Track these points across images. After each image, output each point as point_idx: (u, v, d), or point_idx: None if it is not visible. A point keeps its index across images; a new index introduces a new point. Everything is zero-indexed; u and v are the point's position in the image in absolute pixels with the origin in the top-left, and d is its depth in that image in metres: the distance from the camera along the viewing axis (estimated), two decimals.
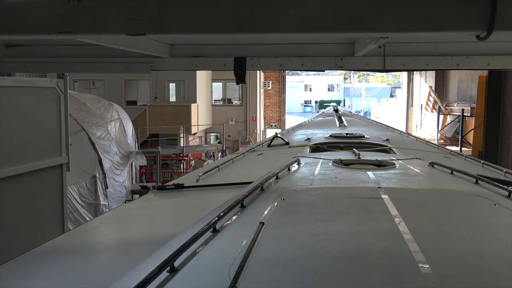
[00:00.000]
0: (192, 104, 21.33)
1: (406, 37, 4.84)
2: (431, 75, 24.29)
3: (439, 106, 21.28)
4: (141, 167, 17.08)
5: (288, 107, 34.98)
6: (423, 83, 26.12)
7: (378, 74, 58.35)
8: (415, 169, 3.75)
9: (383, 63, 4.94)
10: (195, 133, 22.39)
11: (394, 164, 3.88)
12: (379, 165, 3.94)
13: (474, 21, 2.11)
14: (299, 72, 58.14)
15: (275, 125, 28.61)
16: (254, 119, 26.09)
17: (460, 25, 2.13)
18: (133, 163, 15.14)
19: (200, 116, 22.58)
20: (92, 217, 10.87)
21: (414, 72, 26.75)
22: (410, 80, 28.92)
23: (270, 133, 28.17)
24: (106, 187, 12.54)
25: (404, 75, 31.14)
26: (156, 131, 20.46)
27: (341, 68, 5.11)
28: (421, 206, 2.47)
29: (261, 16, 2.26)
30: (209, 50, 5.40)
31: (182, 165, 19.45)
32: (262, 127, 28.20)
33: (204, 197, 3.81)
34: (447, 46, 5.15)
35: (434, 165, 3.97)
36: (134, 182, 15.49)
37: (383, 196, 2.60)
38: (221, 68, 5.50)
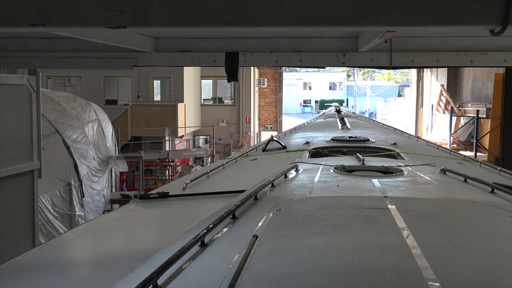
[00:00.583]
0: (179, 104, 21.33)
1: (414, 31, 4.88)
2: (443, 72, 24.45)
3: (452, 107, 21.40)
4: (121, 173, 17.02)
5: (285, 107, 35.07)
6: (434, 81, 26.28)
7: (384, 71, 58.68)
8: (425, 177, 3.78)
9: (389, 60, 4.97)
10: (182, 136, 22.37)
11: (402, 171, 3.91)
12: (386, 172, 3.97)
13: (488, 15, 2.13)
14: (297, 68, 58.35)
15: (270, 127, 28.66)
16: (247, 121, 26.13)
17: (473, 19, 2.15)
18: (113, 169, 15.09)
19: (187, 117, 22.57)
20: (67, 229, 10.81)
21: (424, 69, 26.92)
22: (420, 78, 29.10)
23: (265, 136, 28.21)
24: (83, 196, 12.48)
25: (413, 72, 31.35)
26: (138, 133, 20.42)
27: (343, 64, 5.14)
28: (432, 218, 2.48)
29: (255, 7, 2.27)
30: (198, 44, 5.41)
31: (167, 172, 19.41)
32: (257, 130, 28.25)
33: (192, 207, 3.81)
34: (459, 41, 5.19)
35: (446, 172, 4.01)
36: (113, 190, 15.43)
37: (389, 206, 2.62)
38: (211, 64, 5.50)
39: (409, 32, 4.96)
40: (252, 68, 25.24)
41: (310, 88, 70.43)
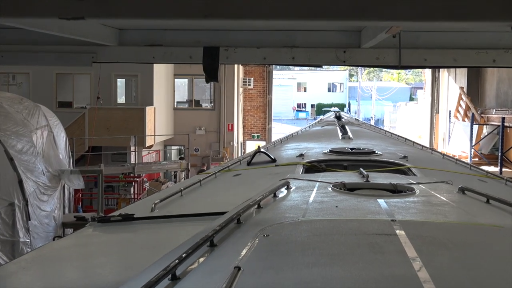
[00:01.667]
0: (147, 108, 21.29)
1: (426, 25, 4.97)
2: (462, 73, 24.77)
3: (473, 114, 21.63)
4: (76, 191, 16.88)
5: (275, 112, 35.04)
6: (452, 83, 26.61)
7: (393, 70, 59.26)
8: (441, 197, 3.82)
9: (398, 58, 5.05)
10: (151, 146, 22.29)
11: (413, 189, 3.96)
12: (394, 190, 4.02)
13: (506, 9, 2.16)
14: (290, 66, 58.71)
15: (257, 136, 28.71)
16: (230, 128, 26.17)
17: (489, 14, 2.18)
18: (66, 186, 14.97)
19: (157, 123, 22.52)
20: (8, 259, 10.67)
21: (440, 70, 27.22)
22: (435, 79, 29.44)
23: (251, 146, 28.20)
24: (28, 218, 12.34)
25: (427, 72, 31.70)
26: (98, 142, 20.30)
27: (343, 63, 5.21)
28: (448, 246, 2.51)
29: None
30: (171, 37, 5.44)
31: (132, 189, 19.30)
32: (241, 139, 28.27)
33: (161, 232, 3.80)
34: (480, 36, 5.29)
35: (466, 192, 4.05)
36: (66, 211, 15.29)
37: (398, 232, 2.65)
38: (187, 61, 5.53)
39: (421, 26, 5.05)
40: (235, 65, 25.33)
41: (305, 90, 70.77)
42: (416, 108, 39.33)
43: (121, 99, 23.39)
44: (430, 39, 5.27)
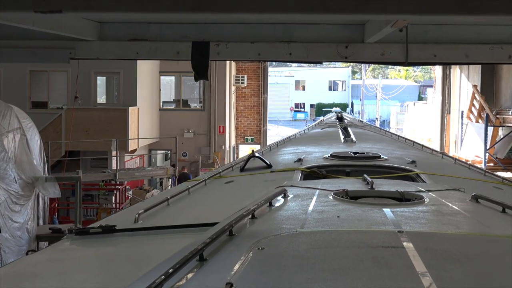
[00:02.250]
0: (130, 108, 21.27)
1: (436, 19, 4.99)
2: (475, 70, 24.86)
3: (487, 114, 21.70)
4: (52, 200, 16.82)
5: (271, 113, 34.99)
6: (465, 80, 26.71)
7: (400, 67, 59.41)
8: (452, 205, 3.84)
9: (405, 53, 5.07)
10: (134, 151, 22.27)
11: (422, 197, 3.98)
12: (401, 199, 4.03)
13: None
14: (287, 63, 58.77)
15: (251, 140, 28.72)
16: (221, 131, 26.17)
17: (503, 7, 2.19)
18: (41, 194, 14.92)
19: (142, 125, 22.50)
20: None
21: (452, 66, 27.32)
22: (446, 77, 29.53)
23: (245, 151, 28.18)
24: None
25: (437, 69, 31.80)
26: (76, 147, 20.25)
27: (345, 59, 5.23)
28: (460, 260, 2.52)
29: None
30: (156, 31, 5.45)
31: (113, 198, 19.25)
32: (233, 142, 28.28)
33: (146, 245, 3.80)
34: (494, 30, 5.32)
35: (480, 200, 4.07)
36: (41, 223, 15.23)
37: (405, 244, 2.66)
38: (174, 57, 5.53)
39: (430, 19, 5.07)
40: (227, 62, 25.35)
41: (303, 88, 70.88)
42: (426, 108, 39.46)
43: (101, 98, 23.35)
44: (439, 33, 5.29)
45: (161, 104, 26.34)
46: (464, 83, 26.79)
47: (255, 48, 5.37)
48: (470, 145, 23.45)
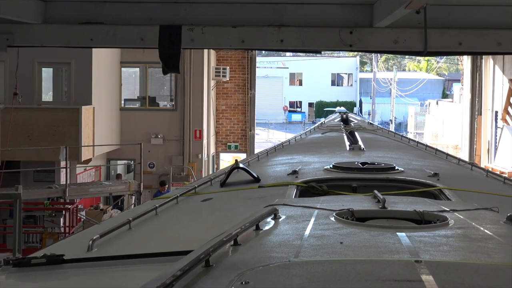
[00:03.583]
0: (84, 108, 21.19)
1: None
2: None
3: None
4: None
5: (260, 113, 34.94)
6: (499, 74, 26.84)
7: (419, 57, 59.51)
8: (483, 229, 3.86)
9: (423, 41, 5.10)
10: (89, 161, 22.17)
11: (445, 219, 4.00)
12: (420, 220, 4.06)
13: None
14: (279, 52, 58.82)
15: (235, 147, 28.71)
16: (197, 136, 26.13)
17: None
18: None
19: (98, 129, 22.42)
20: None
21: (484, 57, 27.41)
22: (476, 69, 29.68)
23: (227, 161, 28.10)
24: None
25: (466, 60, 31.96)
26: (15, 156, 20.11)
27: (350, 48, 5.25)
28: None
29: None
30: (114, 12, 5.44)
31: (62, 220, 19.14)
32: (212, 150, 28.25)
33: (102, 279, 3.79)
34: None
35: None
36: None
37: (424, 277, 2.67)
38: (137, 45, 5.52)
39: None
40: (205, 50, 25.33)
41: (300, 83, 71.06)
42: (451, 108, 39.67)
43: (47, 95, 23.23)
44: (465, 15, 5.31)
45: (123, 102, 26.25)
46: (499, 77, 26.90)
47: (238, 34, 5.36)
48: (506, 153, 23.56)
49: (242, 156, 25.55)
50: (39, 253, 4.26)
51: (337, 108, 21.75)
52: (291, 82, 70.53)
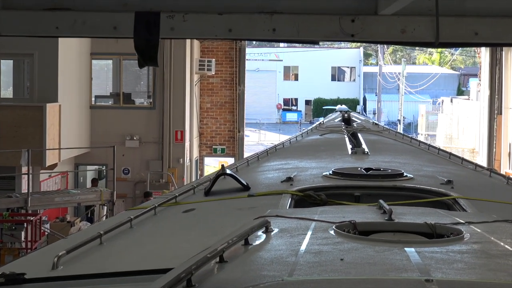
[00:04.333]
0: (49, 105, 21.13)
1: None
2: None
3: None
4: None
5: (250, 112, 34.82)
6: None
7: (430, 49, 59.48)
8: (503, 244, 3.88)
9: (434, 31, 5.12)
10: (54, 166, 22.12)
11: (460, 232, 4.01)
12: (431, 234, 4.07)
13: None
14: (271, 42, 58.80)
15: (222, 150, 28.70)
16: (178, 137, 26.09)
17: None
18: None
19: (65, 129, 22.38)
20: None
21: (504, 48, 27.45)
22: (495, 63, 29.71)
23: (213, 166, 28.08)
24: None
25: (483, 52, 32.01)
26: None
27: (352, 38, 5.25)
28: None
29: None
30: None
31: (24, 234, 19.10)
32: (196, 154, 28.23)
33: None
34: None
35: None
36: None
37: None
38: (110, 34, 5.52)
39: None
40: (187, 41, 25.31)
41: (296, 78, 71.12)
42: (468, 107, 39.76)
43: (7, 91, 23.19)
44: (483, 1, 5.33)
45: (93, 99, 26.21)
46: None
47: (225, 22, 5.36)
48: None
49: (229, 160, 25.56)
50: None
51: (338, 107, 21.79)
52: (285, 76, 70.61)
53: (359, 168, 7.34)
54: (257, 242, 3.88)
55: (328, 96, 65.96)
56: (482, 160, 29.07)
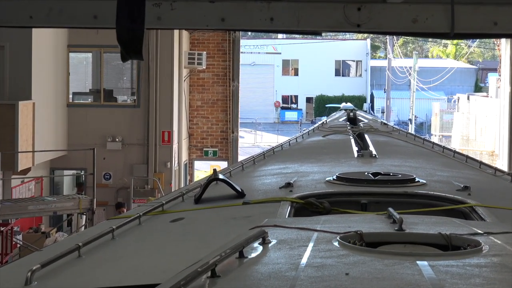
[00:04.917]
0: (21, 103, 21.15)
1: None
2: None
3: None
4: None
5: (245, 110, 34.81)
6: None
7: (445, 41, 59.60)
8: None
9: (449, 20, 5.13)
10: (28, 170, 22.12)
11: (478, 244, 4.02)
12: (446, 246, 4.08)
13: None
14: (269, 33, 58.83)
15: (214, 153, 28.72)
16: (166, 139, 26.10)
17: None
18: None
19: (39, 130, 22.39)
20: None
21: None
22: None
23: (204, 170, 28.10)
24: None
25: (503, 44, 32.11)
26: None
27: (357, 28, 5.27)
28: None
29: None
30: None
31: None
32: (185, 158, 28.24)
33: None
34: None
35: None
36: None
37: None
38: (89, 24, 5.53)
39: None
40: (175, 31, 25.31)
41: (296, 73, 71.24)
42: (487, 104, 39.80)
43: None
44: None
45: (71, 97, 26.20)
46: None
47: (217, 10, 5.37)
48: None
49: (222, 164, 25.59)
50: None
51: (343, 105, 21.87)
52: (284, 71, 70.70)
53: (366, 173, 7.36)
54: (253, 255, 3.89)
55: (332, 93, 66.04)
56: (503, 164, 29.10)
